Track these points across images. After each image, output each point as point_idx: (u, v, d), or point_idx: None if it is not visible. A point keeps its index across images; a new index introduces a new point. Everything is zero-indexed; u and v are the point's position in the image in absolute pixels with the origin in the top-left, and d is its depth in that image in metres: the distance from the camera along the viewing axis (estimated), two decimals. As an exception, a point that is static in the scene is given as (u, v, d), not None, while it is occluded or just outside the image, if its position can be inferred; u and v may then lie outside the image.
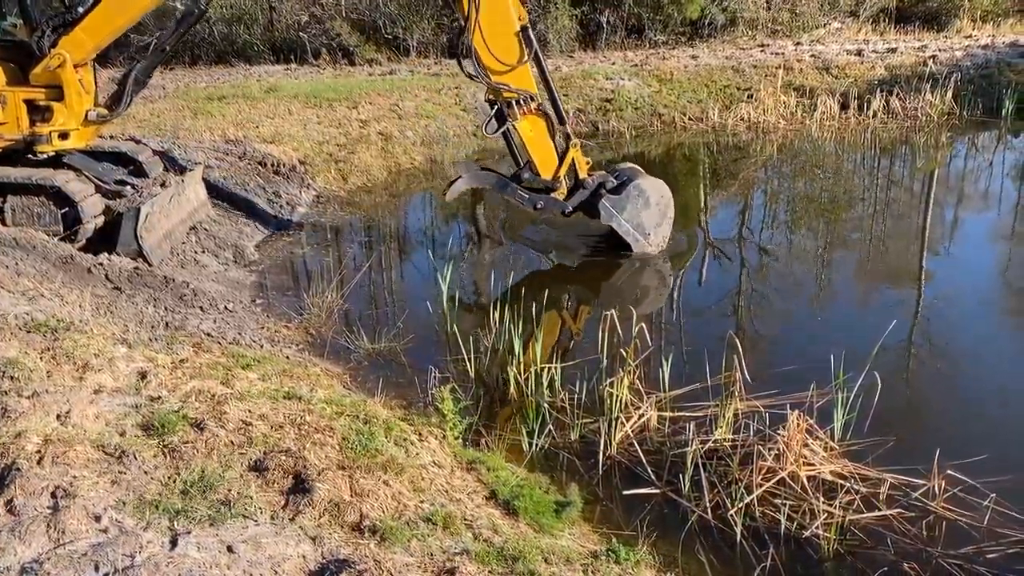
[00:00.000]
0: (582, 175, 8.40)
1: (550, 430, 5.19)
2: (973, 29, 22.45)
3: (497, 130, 8.16)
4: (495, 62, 7.78)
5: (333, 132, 13.41)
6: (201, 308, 6.87)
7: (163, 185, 8.37)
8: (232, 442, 3.93)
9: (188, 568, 2.90)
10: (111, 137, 9.70)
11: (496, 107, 8.06)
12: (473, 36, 7.62)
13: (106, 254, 7.31)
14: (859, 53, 18.19)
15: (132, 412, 4.16)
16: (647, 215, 8.28)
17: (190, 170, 9.28)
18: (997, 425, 5.23)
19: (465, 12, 7.59)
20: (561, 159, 8.27)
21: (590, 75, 16.93)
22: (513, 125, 8.06)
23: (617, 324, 5.80)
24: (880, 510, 4.35)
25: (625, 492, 4.65)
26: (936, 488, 4.37)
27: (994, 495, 4.27)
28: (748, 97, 16.29)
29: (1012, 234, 9.15)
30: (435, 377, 5.80)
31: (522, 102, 7.96)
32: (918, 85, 16.08)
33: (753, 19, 22.23)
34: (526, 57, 7.83)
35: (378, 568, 3.00)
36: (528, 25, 7.83)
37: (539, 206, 8.41)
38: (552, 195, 8.40)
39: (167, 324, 6.34)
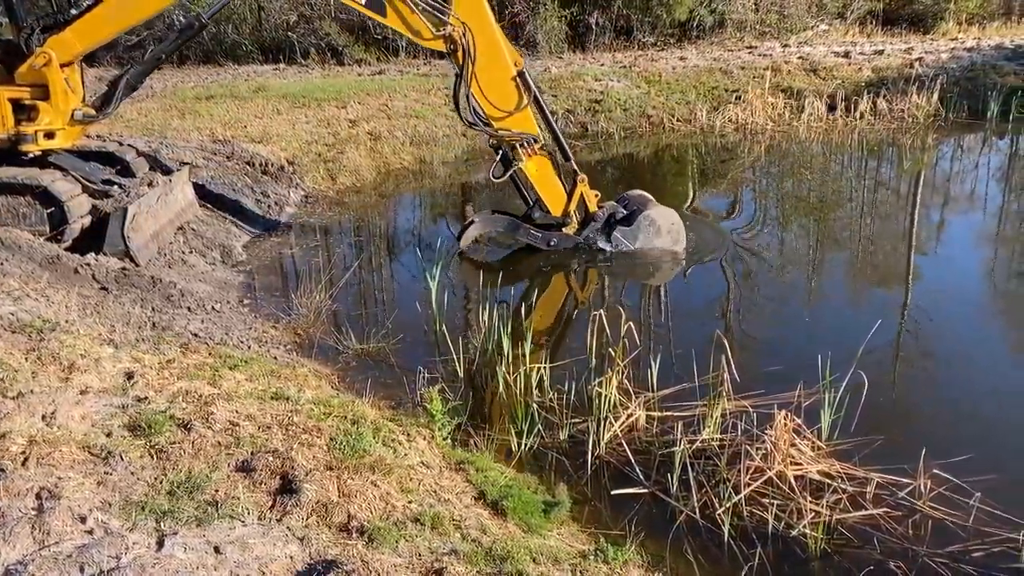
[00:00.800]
0: (592, 208, 8.56)
1: (539, 430, 5.19)
2: (959, 32, 22.63)
3: (504, 174, 8.30)
4: (495, 110, 7.92)
5: (322, 132, 13.38)
6: (188, 308, 6.84)
7: (150, 185, 8.33)
8: (219, 443, 3.92)
9: (175, 569, 2.89)
10: (98, 137, 9.64)
11: (500, 152, 8.21)
12: (471, 86, 7.74)
13: (93, 254, 7.27)
14: (846, 55, 18.29)
15: (118, 413, 4.14)
16: (660, 244, 8.43)
17: (178, 170, 9.25)
18: (983, 425, 5.26)
19: (460, 63, 7.70)
20: (570, 196, 8.44)
21: (579, 76, 16.96)
22: (519, 167, 8.21)
23: (606, 324, 5.81)
24: (867, 509, 4.36)
25: (613, 492, 4.65)
26: (922, 487, 4.39)
27: (979, 494, 4.30)
28: (736, 99, 16.35)
29: (997, 235, 9.22)
30: (424, 377, 5.79)
31: (526, 144, 8.11)
32: (904, 87, 16.18)
33: (741, 21, 22.32)
34: (525, 101, 7.95)
35: (366, 569, 3.00)
36: (524, 70, 7.96)
37: (552, 243, 8.57)
38: (564, 231, 8.57)
39: (154, 324, 6.31)
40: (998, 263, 8.26)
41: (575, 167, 8.46)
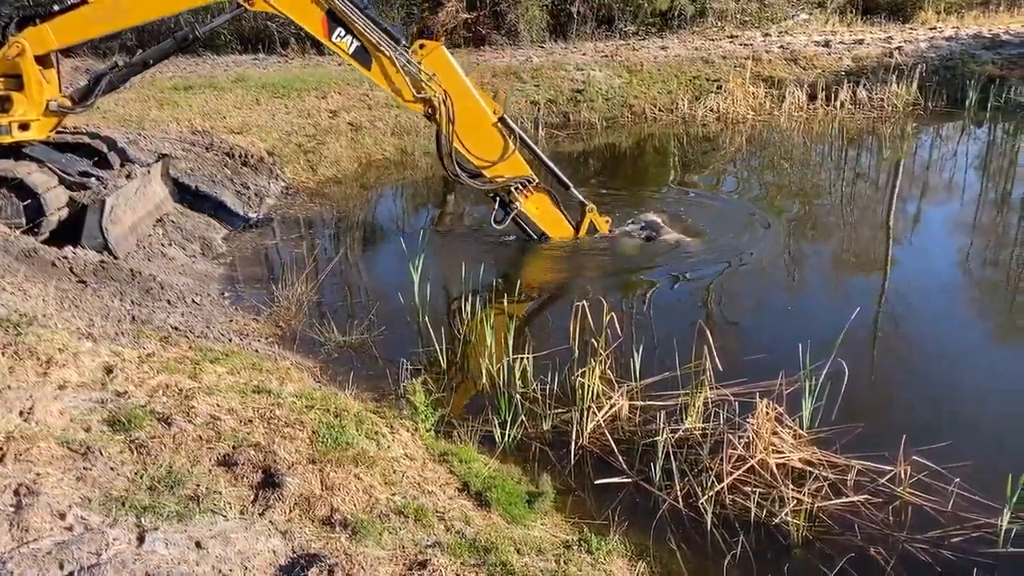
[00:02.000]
0: (604, 233, 8.66)
1: (522, 421, 5.19)
2: (937, 21, 22.76)
3: (505, 218, 8.40)
4: (483, 160, 8.06)
5: (302, 123, 13.28)
6: (168, 302, 6.78)
7: (128, 177, 8.23)
8: (200, 437, 3.89)
9: (156, 565, 2.87)
10: (74, 128, 9.52)
11: (498, 197, 8.32)
12: (453, 141, 7.89)
13: (70, 247, 7.19)
14: (827, 44, 18.36)
15: (98, 408, 4.10)
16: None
17: (156, 161, 9.15)
18: (961, 412, 5.32)
19: (440, 125, 7.86)
20: (577, 226, 8.56)
21: (561, 66, 16.92)
22: (519, 209, 8.32)
23: (588, 314, 5.81)
24: (848, 496, 4.41)
25: (597, 482, 4.67)
26: (902, 474, 4.44)
27: (958, 480, 4.35)
28: (717, 88, 16.37)
29: (975, 224, 9.30)
30: (407, 369, 5.77)
31: (520, 186, 8.22)
32: (884, 76, 16.27)
33: (722, 10, 22.34)
34: (512, 146, 8.05)
35: (349, 562, 2.99)
36: (504, 116, 8.07)
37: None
38: None
39: (133, 318, 6.25)
40: (977, 251, 8.33)
41: (580, 197, 8.56)
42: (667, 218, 9.13)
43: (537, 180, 8.37)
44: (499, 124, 8.03)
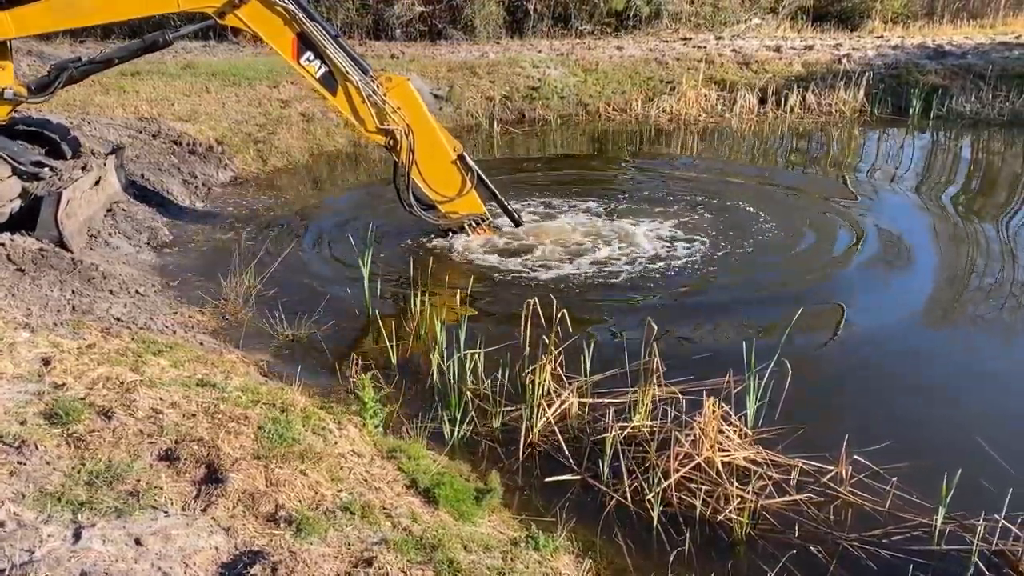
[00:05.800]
0: None
1: (472, 417, 5.18)
2: (884, 30, 23.30)
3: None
4: (440, 195, 8.22)
5: (252, 112, 13.07)
6: (111, 292, 6.61)
7: (84, 168, 7.99)
8: (141, 431, 3.81)
9: (92, 562, 2.79)
10: (16, 113, 9.21)
11: (451, 232, 8.51)
12: (413, 174, 7.99)
13: (8, 233, 6.97)
14: (778, 49, 18.66)
15: (34, 400, 3.99)
16: None
17: (111, 153, 8.92)
18: (900, 413, 5.45)
19: (400, 158, 7.95)
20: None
21: (516, 62, 16.92)
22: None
23: (539, 310, 5.82)
24: (791, 495, 4.49)
25: (546, 479, 4.68)
26: (843, 474, 4.54)
27: (895, 479, 4.46)
28: (671, 90, 16.54)
29: (918, 228, 9.51)
30: (356, 364, 5.71)
31: (474, 224, 8.47)
32: (832, 82, 16.60)
33: (677, 12, 22.57)
34: (469, 184, 8.20)
35: (293, 559, 2.95)
36: (464, 153, 8.17)
37: None
38: None
39: (74, 308, 6.08)
40: (920, 254, 8.52)
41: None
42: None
43: (490, 219, 8.56)
44: (458, 161, 8.13)
